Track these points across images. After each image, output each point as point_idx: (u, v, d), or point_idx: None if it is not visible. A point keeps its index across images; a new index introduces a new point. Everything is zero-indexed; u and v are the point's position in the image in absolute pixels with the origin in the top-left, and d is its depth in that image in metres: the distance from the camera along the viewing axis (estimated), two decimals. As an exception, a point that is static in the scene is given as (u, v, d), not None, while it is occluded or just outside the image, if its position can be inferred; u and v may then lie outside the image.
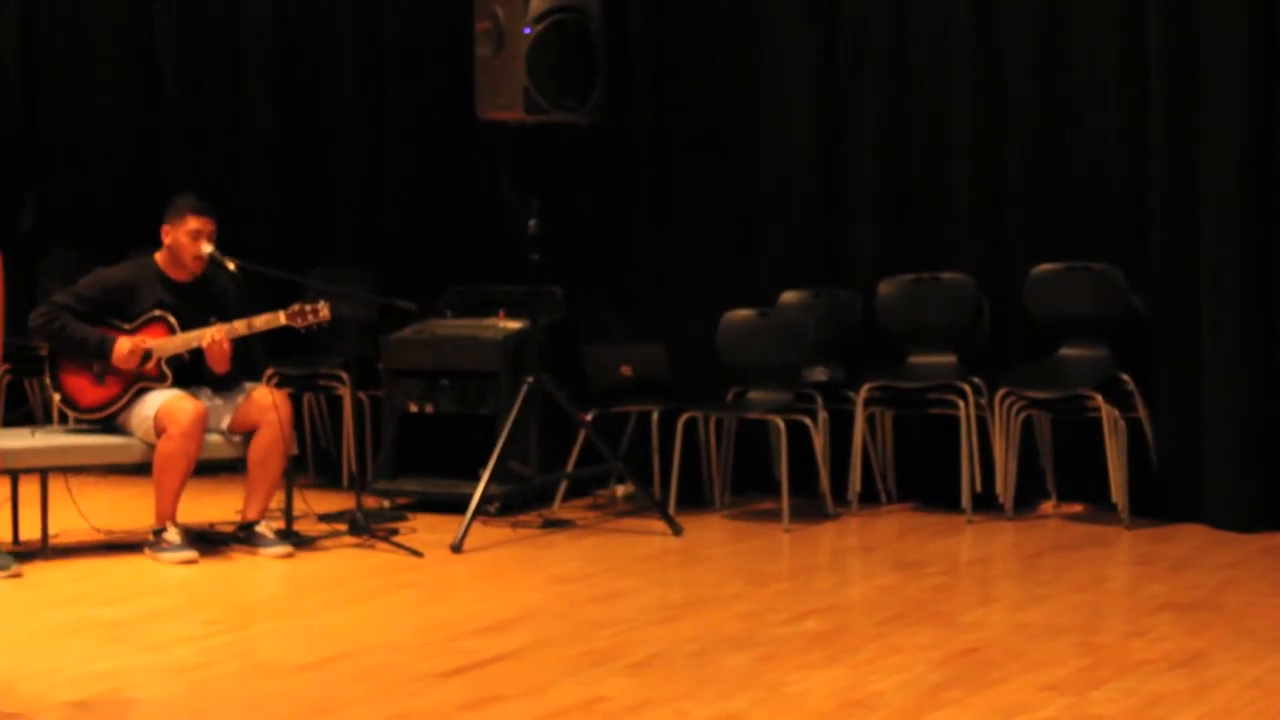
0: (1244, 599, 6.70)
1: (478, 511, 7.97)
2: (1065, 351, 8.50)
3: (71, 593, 6.92)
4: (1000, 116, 8.67)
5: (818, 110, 9.09)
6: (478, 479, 8.07)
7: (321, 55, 10.23)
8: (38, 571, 7.29)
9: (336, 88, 10.15)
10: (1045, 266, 8.52)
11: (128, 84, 10.80)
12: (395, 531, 8.09)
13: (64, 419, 8.32)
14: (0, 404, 10.36)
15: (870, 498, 8.76)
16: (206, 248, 7.78)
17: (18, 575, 7.14)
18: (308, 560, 7.67)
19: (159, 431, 7.62)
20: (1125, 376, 8.25)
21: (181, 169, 10.30)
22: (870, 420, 8.71)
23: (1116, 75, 8.45)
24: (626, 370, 8.73)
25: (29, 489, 7.69)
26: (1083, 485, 8.54)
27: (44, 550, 7.60)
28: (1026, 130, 8.62)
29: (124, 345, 7.68)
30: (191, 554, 7.56)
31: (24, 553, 7.44)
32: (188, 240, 7.78)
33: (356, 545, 7.87)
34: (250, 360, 8.16)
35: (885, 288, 8.85)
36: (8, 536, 7.62)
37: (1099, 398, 8.13)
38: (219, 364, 7.77)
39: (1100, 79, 8.50)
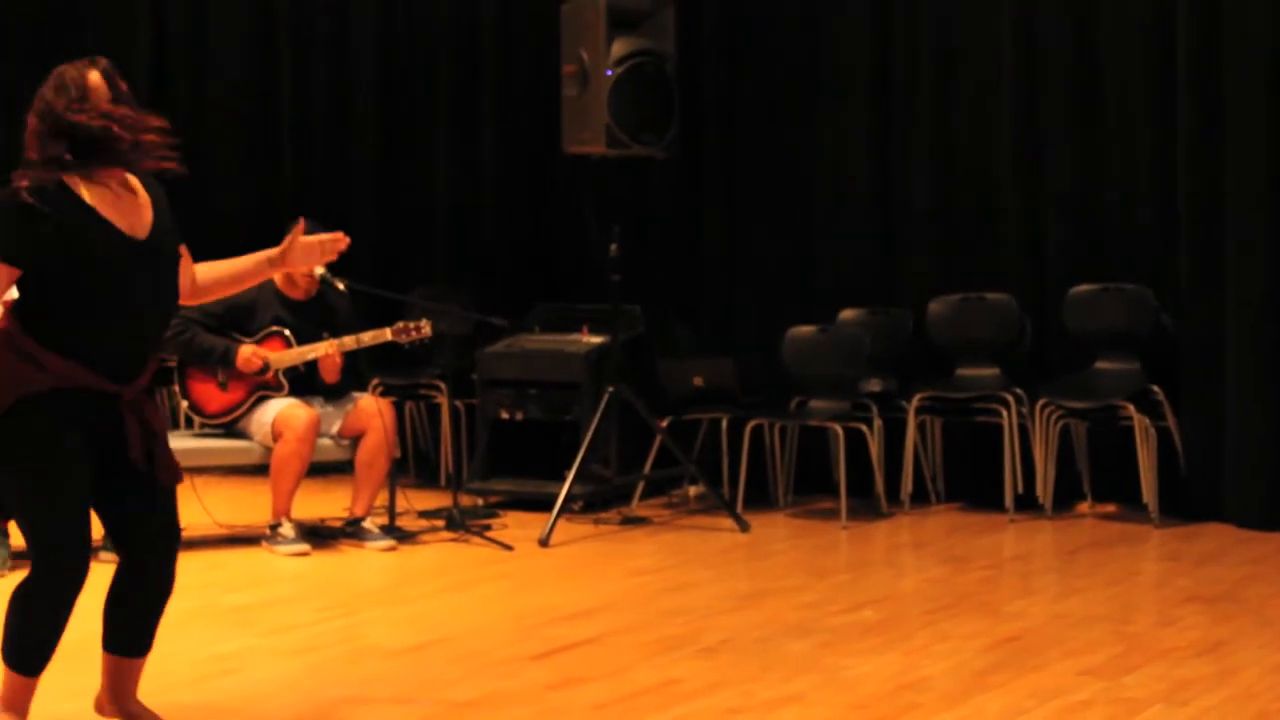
0: (1264, 592, 6.64)
1: (563, 509, 7.98)
2: (1100, 365, 8.44)
3: (197, 582, 6.94)
4: (1039, 153, 8.63)
5: (872, 147, 9.07)
6: (563, 480, 8.09)
7: (421, 97, 10.26)
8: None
9: (435, 126, 10.18)
10: (1082, 287, 8.47)
11: (249, 125, 10.85)
12: (488, 527, 8.11)
13: (190, 424, 8.37)
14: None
15: (921, 498, 8.72)
16: (318, 269, 7.83)
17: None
18: (409, 553, 7.69)
19: (276, 436, 7.67)
20: (1155, 388, 8.19)
21: (295, 201, 10.35)
22: (921, 427, 8.68)
23: (1143, 117, 8.42)
24: (698, 381, 8.72)
25: (159, 487, 7.76)
26: (1116, 488, 8.48)
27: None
28: (1063, 165, 8.58)
29: (245, 351, 7.74)
30: (304, 547, 7.60)
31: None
32: (297, 258, 7.82)
33: (453, 540, 7.89)
34: (358, 372, 8.20)
35: (935, 306, 8.81)
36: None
37: (1131, 407, 8.07)
38: (330, 375, 7.82)
39: (1128, 123, 8.46)
